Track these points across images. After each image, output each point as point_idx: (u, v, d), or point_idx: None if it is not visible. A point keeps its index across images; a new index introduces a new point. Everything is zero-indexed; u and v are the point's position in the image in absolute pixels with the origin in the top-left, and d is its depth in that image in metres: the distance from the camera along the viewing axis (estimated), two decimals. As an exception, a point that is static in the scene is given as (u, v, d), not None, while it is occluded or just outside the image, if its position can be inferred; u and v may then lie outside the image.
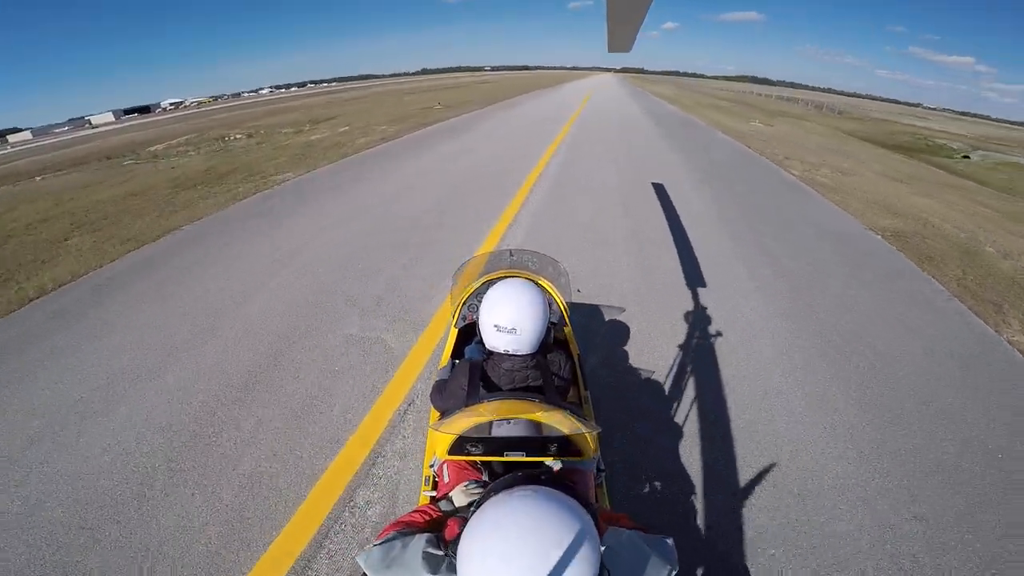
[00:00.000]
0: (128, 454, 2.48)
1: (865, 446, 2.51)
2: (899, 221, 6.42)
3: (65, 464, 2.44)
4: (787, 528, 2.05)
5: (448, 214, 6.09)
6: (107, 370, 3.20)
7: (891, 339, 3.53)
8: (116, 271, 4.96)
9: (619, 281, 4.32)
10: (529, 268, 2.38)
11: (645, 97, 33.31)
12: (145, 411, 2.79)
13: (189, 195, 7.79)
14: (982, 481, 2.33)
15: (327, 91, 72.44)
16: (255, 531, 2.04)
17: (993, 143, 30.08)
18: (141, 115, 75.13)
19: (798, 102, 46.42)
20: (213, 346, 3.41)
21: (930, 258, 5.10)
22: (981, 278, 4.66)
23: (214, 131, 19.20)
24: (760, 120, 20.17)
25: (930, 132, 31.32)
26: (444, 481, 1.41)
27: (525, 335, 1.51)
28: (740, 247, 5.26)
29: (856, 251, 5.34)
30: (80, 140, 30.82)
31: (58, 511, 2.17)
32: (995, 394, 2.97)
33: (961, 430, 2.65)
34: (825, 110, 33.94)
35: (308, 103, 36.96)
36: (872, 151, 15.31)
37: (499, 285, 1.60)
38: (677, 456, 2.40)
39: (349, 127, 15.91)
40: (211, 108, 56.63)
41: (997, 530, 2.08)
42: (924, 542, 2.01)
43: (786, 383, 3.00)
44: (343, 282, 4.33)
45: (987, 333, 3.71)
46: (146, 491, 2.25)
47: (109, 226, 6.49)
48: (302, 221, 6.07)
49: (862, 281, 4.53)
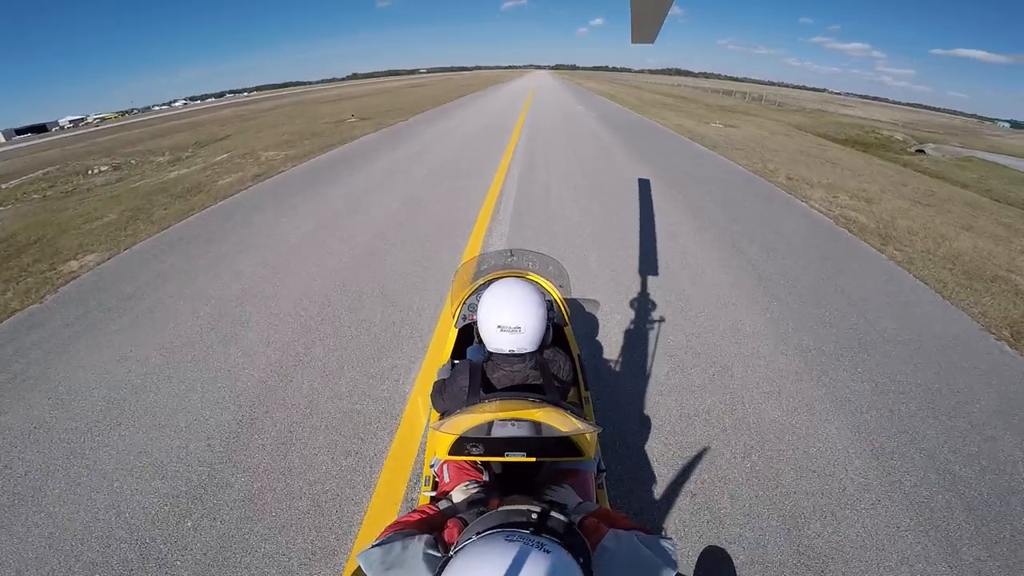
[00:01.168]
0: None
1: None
2: (1016, 306, 4.20)
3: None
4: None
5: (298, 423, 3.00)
6: None
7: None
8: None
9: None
10: (528, 268, 2.36)
11: (588, 97, 31.36)
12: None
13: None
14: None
15: (242, 102, 65.62)
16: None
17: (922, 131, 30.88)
18: (36, 134, 63.15)
19: (733, 94, 46.74)
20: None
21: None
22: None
23: (82, 160, 14.80)
24: (719, 120, 18.47)
25: (865, 122, 31.71)
26: (444, 481, 1.41)
27: (528, 332, 1.47)
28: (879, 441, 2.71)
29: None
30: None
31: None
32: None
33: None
34: (764, 102, 33.55)
35: (213, 118, 32.28)
36: (853, 157, 13.81)
37: (495, 286, 1.56)
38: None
39: (230, 154, 12.30)
40: (113, 125, 48.96)
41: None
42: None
43: None
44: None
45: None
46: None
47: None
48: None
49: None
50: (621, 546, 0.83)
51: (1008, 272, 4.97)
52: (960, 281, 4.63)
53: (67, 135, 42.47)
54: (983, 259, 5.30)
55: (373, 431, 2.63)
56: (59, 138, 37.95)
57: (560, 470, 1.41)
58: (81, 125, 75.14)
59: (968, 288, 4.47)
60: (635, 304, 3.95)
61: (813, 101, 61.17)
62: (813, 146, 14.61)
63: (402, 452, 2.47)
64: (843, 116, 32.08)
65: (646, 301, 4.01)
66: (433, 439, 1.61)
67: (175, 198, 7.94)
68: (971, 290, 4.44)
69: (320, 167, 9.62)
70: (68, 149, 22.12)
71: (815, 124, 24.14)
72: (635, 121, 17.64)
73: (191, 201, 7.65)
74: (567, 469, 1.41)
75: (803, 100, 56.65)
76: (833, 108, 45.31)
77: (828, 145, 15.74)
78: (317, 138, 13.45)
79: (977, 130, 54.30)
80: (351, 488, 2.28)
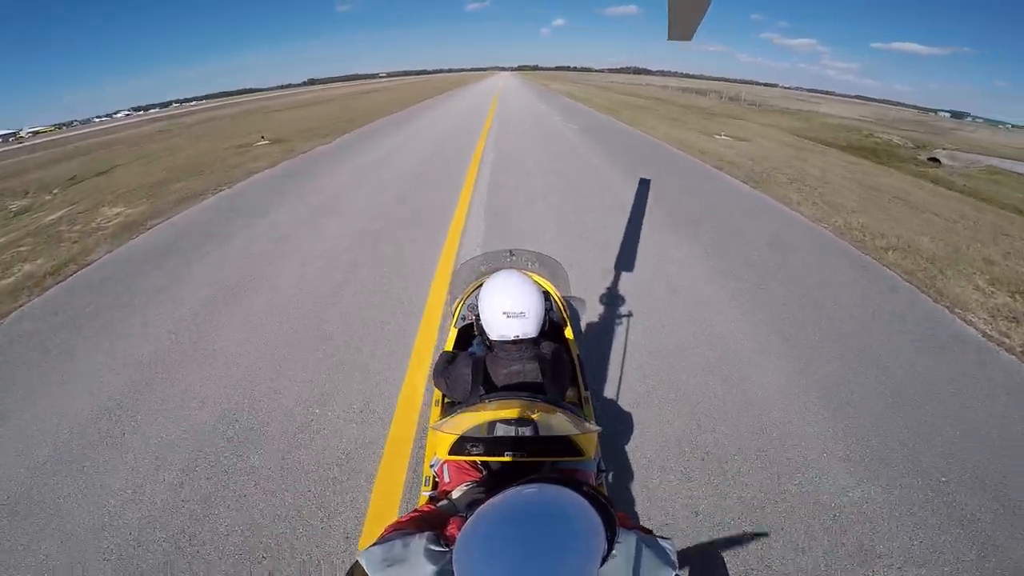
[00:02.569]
0: None
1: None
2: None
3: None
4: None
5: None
6: None
7: None
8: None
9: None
10: (527, 268, 2.36)
11: (557, 100, 28.35)
12: None
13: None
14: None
15: (177, 114, 59.46)
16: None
17: (899, 129, 29.48)
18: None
19: (708, 94, 44.88)
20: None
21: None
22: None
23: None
24: (723, 130, 15.69)
25: (848, 122, 30.09)
26: (444, 481, 1.39)
27: (532, 317, 1.50)
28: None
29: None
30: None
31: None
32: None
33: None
34: (743, 103, 31.23)
35: (133, 135, 27.77)
36: (894, 179, 11.19)
37: (494, 277, 1.59)
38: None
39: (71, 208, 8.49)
40: (35, 142, 42.22)
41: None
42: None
43: None
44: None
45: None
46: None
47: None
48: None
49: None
50: (621, 546, 0.77)
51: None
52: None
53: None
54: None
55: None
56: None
57: (560, 470, 1.36)
58: (12, 140, 65.98)
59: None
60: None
61: (780, 98, 60.53)
62: (839, 164, 11.97)
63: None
64: (826, 117, 30.20)
65: None
66: (433, 438, 1.60)
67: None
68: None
69: (156, 247, 5.86)
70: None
71: (809, 128, 21.91)
72: (615, 128, 14.52)
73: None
74: (567, 469, 1.39)
75: (771, 98, 55.73)
76: (807, 107, 44.02)
77: (856, 160, 13.20)
78: (198, 177, 9.63)
79: (934, 124, 54.80)
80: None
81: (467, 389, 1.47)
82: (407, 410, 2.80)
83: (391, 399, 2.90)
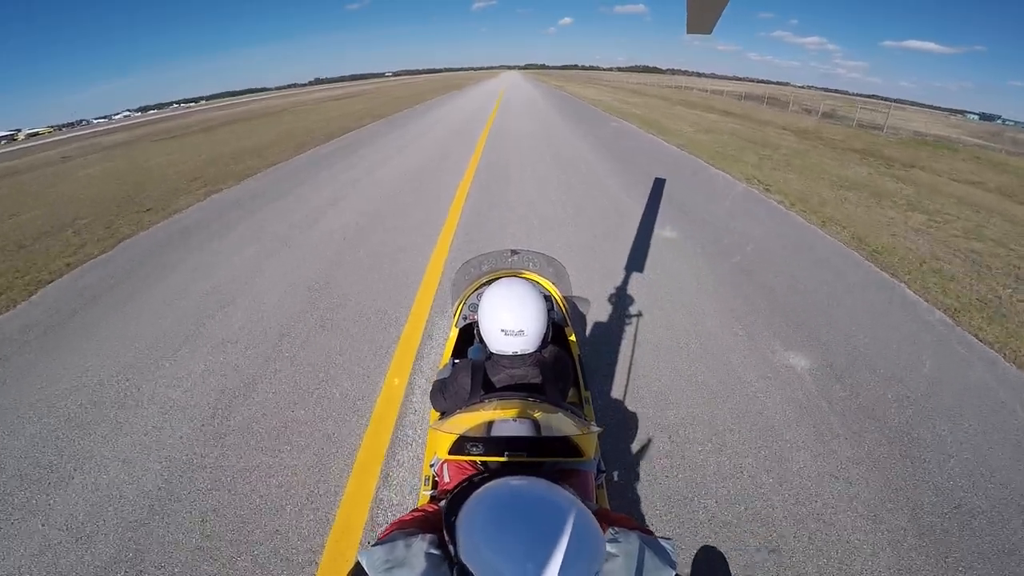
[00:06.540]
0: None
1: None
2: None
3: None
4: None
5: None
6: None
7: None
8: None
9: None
10: (529, 268, 2.33)
11: (583, 112, 21.70)
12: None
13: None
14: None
15: (172, 115, 57.46)
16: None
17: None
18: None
19: (723, 94, 42.16)
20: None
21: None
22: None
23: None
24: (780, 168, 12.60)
25: (908, 132, 27.47)
26: (444, 480, 1.39)
27: (531, 335, 1.45)
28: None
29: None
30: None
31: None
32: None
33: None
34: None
35: (113, 140, 25.75)
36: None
37: (496, 287, 1.53)
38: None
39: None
40: (30, 144, 39.96)
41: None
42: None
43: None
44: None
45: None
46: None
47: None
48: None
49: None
50: (621, 546, 0.79)
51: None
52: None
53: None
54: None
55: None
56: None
57: (560, 470, 1.35)
58: (11, 142, 64.22)
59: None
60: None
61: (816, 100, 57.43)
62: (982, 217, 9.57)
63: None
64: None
65: None
66: (433, 438, 1.59)
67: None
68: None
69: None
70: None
71: (850, 138, 19.42)
72: (693, 166, 9.47)
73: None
74: (567, 469, 1.37)
75: (803, 99, 52.67)
76: (842, 111, 40.50)
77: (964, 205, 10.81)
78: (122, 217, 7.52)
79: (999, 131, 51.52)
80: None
81: (464, 396, 1.46)
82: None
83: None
